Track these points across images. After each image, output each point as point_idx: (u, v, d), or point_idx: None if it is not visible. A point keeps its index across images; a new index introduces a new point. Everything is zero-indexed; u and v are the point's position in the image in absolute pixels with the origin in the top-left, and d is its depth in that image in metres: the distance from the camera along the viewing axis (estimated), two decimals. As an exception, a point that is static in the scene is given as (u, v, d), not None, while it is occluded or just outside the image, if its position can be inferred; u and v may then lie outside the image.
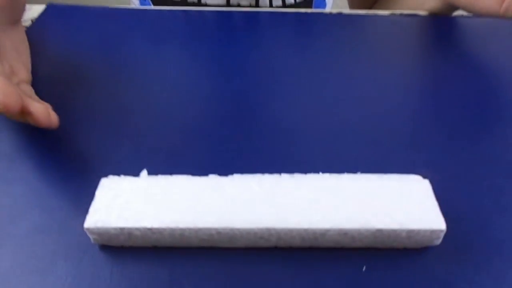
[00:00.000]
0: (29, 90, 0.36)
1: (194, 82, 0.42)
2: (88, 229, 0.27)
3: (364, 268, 0.27)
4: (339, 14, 0.51)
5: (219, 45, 0.47)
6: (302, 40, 0.48)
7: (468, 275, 0.26)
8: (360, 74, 0.42)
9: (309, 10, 0.53)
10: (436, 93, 0.40)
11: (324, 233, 0.27)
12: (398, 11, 0.52)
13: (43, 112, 0.31)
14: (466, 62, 0.44)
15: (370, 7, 0.66)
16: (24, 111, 0.30)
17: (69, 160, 0.34)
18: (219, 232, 0.27)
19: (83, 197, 0.30)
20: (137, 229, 0.27)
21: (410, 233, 0.26)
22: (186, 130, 0.36)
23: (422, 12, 0.52)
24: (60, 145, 0.35)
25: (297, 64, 0.44)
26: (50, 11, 0.52)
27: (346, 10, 0.53)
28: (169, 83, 0.41)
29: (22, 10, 0.39)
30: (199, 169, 0.30)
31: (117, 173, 0.30)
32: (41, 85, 0.38)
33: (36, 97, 0.35)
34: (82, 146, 0.35)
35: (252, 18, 0.52)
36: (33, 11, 0.51)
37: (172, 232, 0.27)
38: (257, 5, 0.62)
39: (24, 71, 0.37)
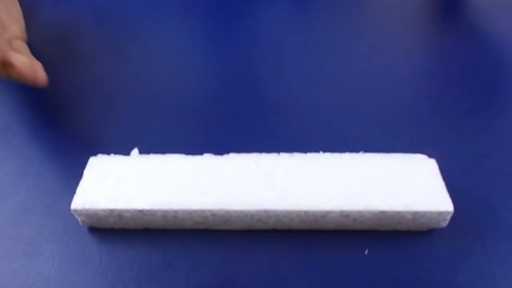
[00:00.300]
0: (22, 46, 0.34)
1: (189, 57, 0.40)
2: (75, 210, 0.25)
3: (366, 252, 0.26)
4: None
5: (216, 19, 0.45)
6: (302, 13, 0.46)
7: (475, 259, 0.25)
8: (363, 49, 0.40)
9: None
10: (443, 68, 0.38)
11: (324, 215, 0.25)
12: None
13: (27, 66, 0.29)
14: (474, 36, 0.42)
15: None
16: (6, 64, 0.28)
17: (57, 138, 0.32)
18: (214, 214, 0.25)
19: (71, 177, 0.28)
20: (127, 210, 0.25)
21: (416, 215, 0.25)
22: (180, 107, 0.34)
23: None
24: (47, 121, 0.33)
25: (297, 38, 0.42)
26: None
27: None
28: (162, 57, 0.39)
29: None
30: (194, 148, 0.29)
31: (107, 151, 0.28)
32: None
33: (30, 55, 0.33)
34: (70, 123, 0.33)
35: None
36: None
37: (164, 214, 0.25)
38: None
39: (16, 27, 0.35)
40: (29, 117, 0.34)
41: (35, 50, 0.40)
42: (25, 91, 0.35)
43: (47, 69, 0.34)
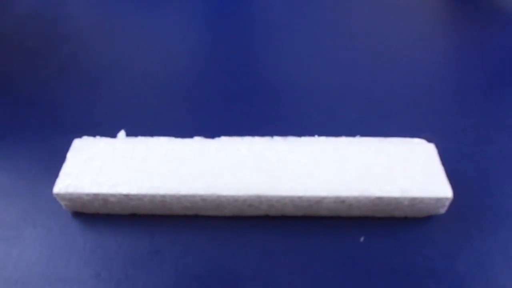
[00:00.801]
0: None
1: (179, 36, 0.39)
2: (58, 194, 0.24)
3: (362, 239, 0.25)
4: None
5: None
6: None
7: (474, 246, 0.24)
8: (361, 31, 0.39)
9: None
10: (441, 51, 0.37)
11: (319, 200, 0.24)
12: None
13: None
14: (474, 19, 0.41)
15: None
16: None
17: (40, 119, 0.31)
18: (204, 199, 0.24)
19: (55, 160, 0.27)
20: (112, 195, 0.24)
21: (413, 201, 0.24)
22: (169, 87, 0.33)
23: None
24: (30, 101, 0.32)
25: (292, 18, 0.40)
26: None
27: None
28: (151, 37, 0.38)
29: None
30: (184, 131, 0.28)
31: (92, 133, 0.27)
32: (13, 36, 0.35)
33: None
34: (55, 104, 0.32)
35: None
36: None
37: (152, 198, 0.24)
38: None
39: None
40: (11, 97, 0.32)
41: (20, 28, 0.38)
42: (6, 70, 0.34)
43: (31, 46, 0.33)
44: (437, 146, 0.26)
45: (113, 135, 0.27)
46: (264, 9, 0.42)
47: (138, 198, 0.24)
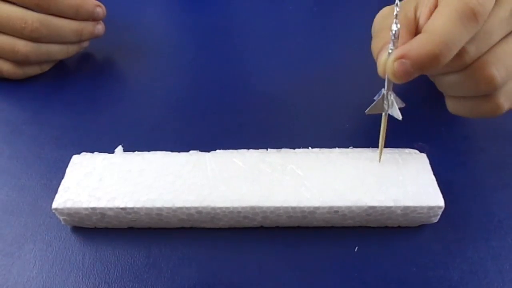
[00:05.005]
0: None
1: (174, 52, 0.39)
2: (56, 209, 0.25)
3: (356, 249, 0.25)
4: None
5: (201, 13, 0.44)
6: (293, 7, 0.45)
7: (466, 254, 0.25)
8: (353, 42, 0.40)
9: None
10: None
11: (313, 211, 0.25)
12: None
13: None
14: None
15: None
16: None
17: (39, 135, 0.31)
18: (199, 212, 0.25)
19: (54, 176, 0.28)
20: (110, 209, 0.25)
21: (406, 210, 0.24)
22: (166, 103, 0.34)
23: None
24: (29, 118, 0.33)
25: (284, 32, 0.41)
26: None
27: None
28: (146, 53, 0.39)
29: None
30: (180, 145, 0.28)
31: (91, 149, 0.28)
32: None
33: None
34: (53, 120, 0.32)
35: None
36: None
37: (148, 212, 0.25)
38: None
39: None
40: (10, 114, 0.33)
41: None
42: (5, 88, 0.34)
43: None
44: (429, 156, 0.27)
45: (110, 150, 0.28)
46: (259, 23, 0.43)
47: (135, 211, 0.25)
